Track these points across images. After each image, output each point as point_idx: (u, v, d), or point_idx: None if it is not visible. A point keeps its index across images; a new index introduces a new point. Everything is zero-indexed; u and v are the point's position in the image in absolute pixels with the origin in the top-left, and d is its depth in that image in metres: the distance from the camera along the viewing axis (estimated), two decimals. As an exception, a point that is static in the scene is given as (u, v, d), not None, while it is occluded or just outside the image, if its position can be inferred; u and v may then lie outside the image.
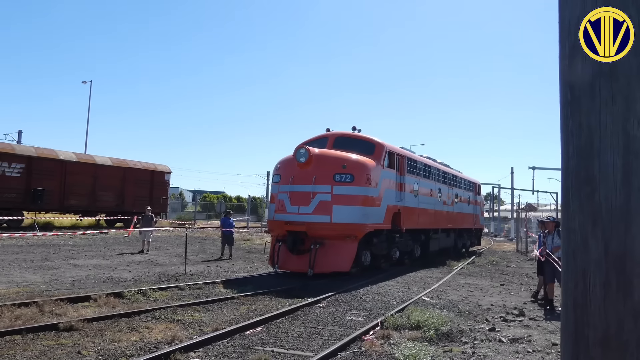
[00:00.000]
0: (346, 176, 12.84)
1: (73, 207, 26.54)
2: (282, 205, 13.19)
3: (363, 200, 13.03)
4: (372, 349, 6.43)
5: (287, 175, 13.39)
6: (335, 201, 12.65)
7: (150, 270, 13.44)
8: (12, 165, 23.45)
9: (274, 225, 13.65)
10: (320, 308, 9.14)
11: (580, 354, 1.84)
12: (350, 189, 12.84)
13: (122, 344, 6.29)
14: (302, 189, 12.92)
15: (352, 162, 13.20)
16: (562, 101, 1.97)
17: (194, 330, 7.18)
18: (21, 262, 13.76)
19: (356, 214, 12.77)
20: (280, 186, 13.51)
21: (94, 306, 8.44)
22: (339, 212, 12.56)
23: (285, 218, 13.03)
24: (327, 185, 12.77)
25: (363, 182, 13.05)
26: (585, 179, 1.86)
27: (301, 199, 12.85)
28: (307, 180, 12.87)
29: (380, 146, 14.46)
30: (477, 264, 19.10)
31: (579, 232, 1.87)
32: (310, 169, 12.92)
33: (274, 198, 13.81)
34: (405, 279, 13.52)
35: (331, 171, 12.89)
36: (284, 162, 13.93)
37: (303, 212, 12.74)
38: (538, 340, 7.26)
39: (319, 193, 12.71)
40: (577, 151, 1.89)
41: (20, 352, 5.80)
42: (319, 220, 12.59)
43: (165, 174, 31.96)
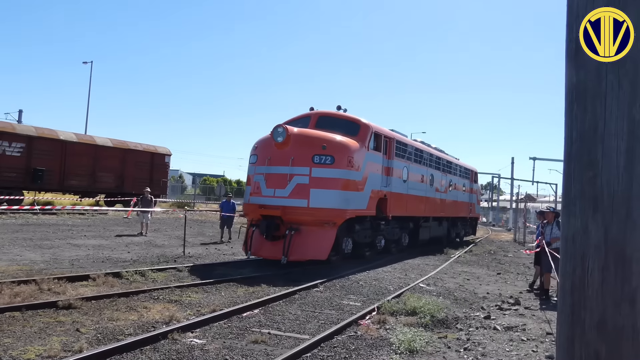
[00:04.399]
0: (326, 158, 11.96)
1: (73, 188, 26.53)
2: (257, 188, 12.42)
3: (344, 184, 12.19)
4: (368, 333, 6.48)
5: (263, 156, 12.54)
6: (313, 184, 11.82)
7: (148, 252, 13.49)
8: (12, 144, 23.38)
9: (248, 208, 12.91)
10: (318, 292, 9.19)
11: (576, 337, 1.86)
12: (330, 172, 11.97)
13: (120, 323, 6.34)
14: (278, 171, 12.11)
15: (333, 142, 12.30)
16: (568, 84, 1.97)
17: (192, 311, 7.23)
18: (21, 241, 13.80)
19: (336, 199, 11.94)
20: (256, 167, 12.69)
21: (92, 285, 8.48)
22: (317, 196, 11.75)
23: (260, 201, 12.26)
24: (305, 167, 11.92)
25: (344, 164, 12.18)
26: (587, 164, 1.86)
27: (277, 181, 12.06)
28: (284, 162, 12.02)
29: (366, 127, 13.56)
30: (475, 253, 19.17)
31: (579, 216, 1.87)
32: (287, 149, 12.05)
33: (250, 180, 13.04)
34: (403, 266, 13.58)
35: (310, 152, 12.01)
36: (261, 142, 13.08)
37: (279, 195, 11.94)
38: (532, 329, 7.31)
39: (296, 175, 11.89)
40: (581, 135, 1.88)
41: (20, 329, 5.85)
42: (295, 204, 11.78)
43: (166, 156, 31.88)
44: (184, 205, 36.26)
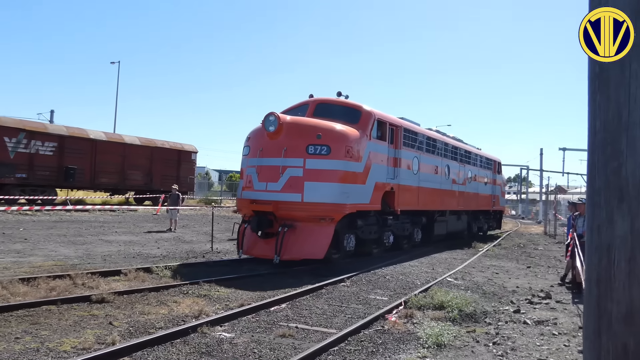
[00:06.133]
0: (321, 148, 11.01)
1: (103, 185, 27.15)
2: (249, 182, 11.60)
3: (342, 176, 11.20)
4: (395, 328, 6.48)
5: (255, 147, 11.68)
6: (307, 177, 10.89)
7: (177, 247, 13.73)
8: (45, 144, 24.04)
9: (240, 204, 12.17)
10: (344, 287, 9.22)
11: (602, 328, 1.84)
12: (325, 163, 10.99)
13: (151, 317, 6.49)
14: (271, 163, 11.21)
15: (329, 131, 11.30)
16: (591, 74, 1.94)
17: (220, 305, 7.35)
18: (55, 237, 14.22)
19: (332, 192, 10.98)
20: (248, 159, 11.86)
21: (124, 280, 8.70)
22: (311, 190, 10.83)
23: (252, 196, 11.44)
24: (299, 158, 10.98)
25: (342, 154, 11.17)
26: (612, 154, 1.83)
27: (270, 174, 11.17)
28: (277, 153, 11.10)
29: (368, 114, 12.46)
30: (504, 247, 18.91)
31: (604, 207, 1.85)
32: (280, 139, 11.12)
33: (242, 173, 12.27)
34: (430, 260, 13.50)
35: (304, 142, 11.08)
36: (254, 132, 12.18)
37: (271, 189, 11.09)
38: (564, 323, 7.20)
39: (289, 167, 10.97)
40: (605, 125, 1.86)
41: (56, 321, 6.05)
42: (288, 199, 10.91)
43: (192, 153, 32.30)
44: (211, 201, 36.72)
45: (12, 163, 22.62)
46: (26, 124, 24.41)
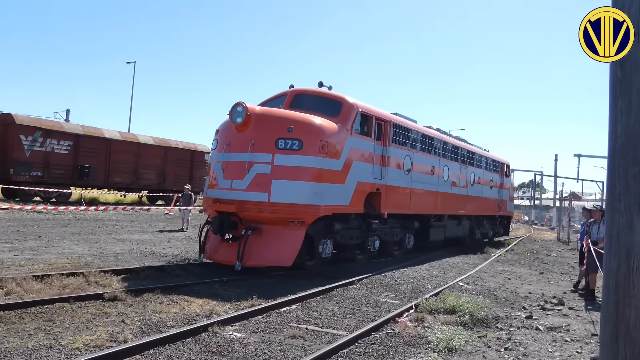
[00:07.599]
0: (292, 142, 9.97)
1: (117, 184, 27.39)
2: (215, 179, 10.63)
3: (315, 174, 10.11)
4: (406, 331, 6.46)
5: (223, 141, 10.67)
6: (275, 174, 9.87)
7: (189, 247, 13.81)
8: (60, 142, 24.34)
9: (205, 203, 11.10)
10: (355, 289, 9.21)
11: (620, 335, 1.81)
12: (297, 159, 9.96)
13: (162, 315, 6.54)
14: (237, 158, 10.21)
15: (302, 124, 10.23)
16: (612, 79, 1.92)
17: (231, 305, 7.37)
18: (69, 235, 14.37)
19: (304, 192, 9.92)
20: (215, 154, 10.93)
21: (136, 279, 8.77)
22: (280, 189, 9.82)
23: (215, 194, 10.47)
24: (266, 153, 9.97)
25: (315, 150, 10.09)
26: (633, 159, 1.81)
27: (235, 171, 10.15)
28: (244, 147, 10.12)
29: (349, 106, 11.29)
30: (516, 252, 18.77)
31: (624, 213, 1.82)
32: (248, 132, 10.12)
33: (209, 169, 11.36)
34: (441, 264, 13.44)
35: (273, 135, 10.04)
36: (223, 125, 11.14)
37: (236, 187, 10.05)
38: (577, 330, 7.12)
39: (256, 163, 9.95)
40: (626, 130, 1.83)
41: (69, 319, 6.11)
42: (254, 198, 9.85)
43: (205, 153, 32.45)
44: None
45: (28, 161, 22.93)
46: (42, 122, 24.75)
